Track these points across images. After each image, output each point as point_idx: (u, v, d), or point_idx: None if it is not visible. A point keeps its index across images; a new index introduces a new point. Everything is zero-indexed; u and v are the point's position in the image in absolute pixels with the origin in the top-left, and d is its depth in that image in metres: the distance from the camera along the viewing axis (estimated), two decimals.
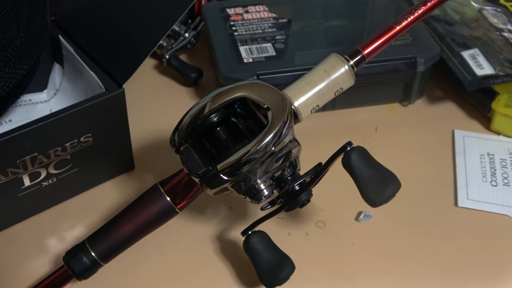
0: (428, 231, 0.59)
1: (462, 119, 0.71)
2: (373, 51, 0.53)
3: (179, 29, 0.77)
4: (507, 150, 0.67)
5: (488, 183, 0.63)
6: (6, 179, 0.54)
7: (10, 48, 0.52)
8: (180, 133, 0.49)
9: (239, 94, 0.49)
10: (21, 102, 0.66)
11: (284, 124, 0.47)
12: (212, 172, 0.47)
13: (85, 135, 0.56)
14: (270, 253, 0.51)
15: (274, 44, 0.69)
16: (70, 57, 0.62)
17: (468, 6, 0.75)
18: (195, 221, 0.59)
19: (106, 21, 0.61)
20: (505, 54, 0.69)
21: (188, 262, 0.56)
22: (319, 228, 0.59)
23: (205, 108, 0.49)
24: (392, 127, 0.70)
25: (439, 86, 0.75)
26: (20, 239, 0.57)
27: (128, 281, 0.54)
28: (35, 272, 0.55)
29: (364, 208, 0.59)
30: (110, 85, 0.57)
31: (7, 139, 0.51)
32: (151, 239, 0.53)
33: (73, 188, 0.60)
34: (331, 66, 0.51)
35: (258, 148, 0.46)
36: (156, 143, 0.67)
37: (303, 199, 0.50)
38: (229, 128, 0.50)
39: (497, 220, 0.60)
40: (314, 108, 0.52)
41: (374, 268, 0.56)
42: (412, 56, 0.68)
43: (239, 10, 0.74)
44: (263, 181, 0.49)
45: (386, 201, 0.47)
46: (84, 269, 0.50)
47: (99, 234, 0.51)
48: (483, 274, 0.55)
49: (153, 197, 0.51)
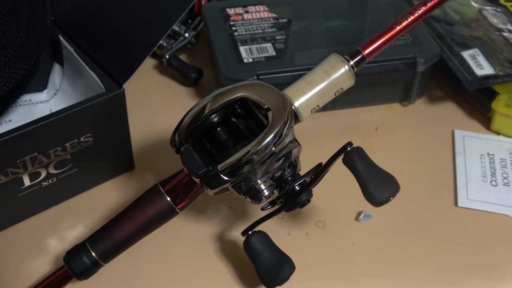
0: (428, 231, 0.59)
1: (462, 119, 0.71)
2: (373, 51, 0.53)
3: (179, 29, 0.77)
4: (507, 150, 0.67)
5: (488, 183, 0.63)
6: (6, 179, 0.54)
7: (10, 48, 0.52)
8: (181, 133, 0.49)
9: (240, 95, 0.49)
10: (21, 102, 0.66)
11: (284, 125, 0.47)
12: (213, 172, 0.47)
13: (85, 135, 0.56)
14: (270, 253, 0.51)
15: (274, 44, 0.69)
16: (70, 57, 0.62)
17: (468, 6, 0.75)
18: (195, 221, 0.59)
19: (106, 21, 0.61)
20: (505, 54, 0.69)
21: (188, 262, 0.56)
22: (319, 228, 0.59)
23: (205, 108, 0.49)
24: (392, 127, 0.70)
25: (439, 86, 0.75)
26: (20, 239, 0.57)
27: (128, 281, 0.54)
28: (35, 272, 0.55)
29: (364, 208, 0.60)
30: (110, 85, 0.57)
31: (7, 139, 0.51)
32: (151, 239, 0.53)
33: (73, 188, 0.60)
34: (331, 66, 0.51)
35: (258, 149, 0.46)
36: (156, 143, 0.67)
37: (304, 199, 0.50)
38: (229, 129, 0.50)
39: (497, 220, 0.60)
40: (314, 108, 0.52)
41: (374, 268, 0.56)
42: (412, 56, 0.68)
43: (239, 10, 0.74)
44: (264, 182, 0.49)
45: (387, 201, 0.48)
46: (85, 269, 0.50)
47: (99, 234, 0.51)
48: (483, 274, 0.55)
49: (153, 197, 0.51)
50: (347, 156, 0.49)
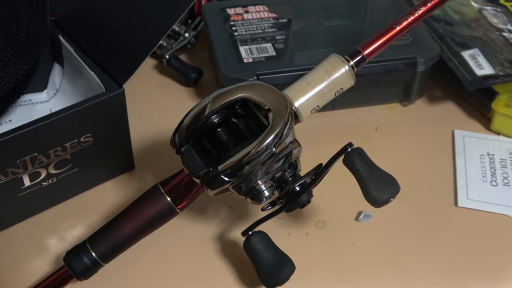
0: (428, 231, 0.59)
1: (462, 119, 0.71)
2: (374, 52, 0.53)
3: (179, 29, 0.77)
4: (507, 150, 0.67)
5: (488, 183, 0.63)
6: (6, 179, 0.54)
7: (10, 48, 0.52)
8: (181, 134, 0.49)
9: (240, 95, 0.49)
10: (21, 102, 0.66)
11: (285, 125, 0.47)
12: (213, 173, 0.47)
13: (85, 135, 0.56)
14: (270, 253, 0.51)
15: (274, 44, 0.69)
16: (70, 57, 0.62)
17: (468, 6, 0.75)
18: (196, 222, 0.59)
19: (106, 21, 0.61)
20: (505, 54, 0.69)
21: (189, 262, 0.56)
22: (319, 228, 0.59)
23: (205, 109, 0.49)
24: (392, 127, 0.70)
25: (439, 86, 0.75)
26: (20, 239, 0.57)
27: (128, 281, 0.54)
28: (35, 272, 0.55)
29: (364, 208, 0.60)
30: (110, 85, 0.57)
31: (7, 139, 0.51)
32: (151, 239, 0.53)
33: (73, 188, 0.60)
34: (332, 66, 0.52)
35: (259, 149, 0.46)
36: (156, 143, 0.66)
37: (304, 199, 0.50)
38: (230, 129, 0.50)
39: (497, 220, 0.60)
40: (315, 109, 0.52)
41: (374, 268, 0.56)
42: (412, 56, 0.68)
43: (239, 10, 0.74)
44: (264, 182, 0.49)
45: (387, 201, 0.48)
46: (85, 269, 0.50)
47: (99, 234, 0.51)
48: (483, 274, 0.55)
49: (153, 197, 0.51)
50: (348, 156, 0.49)
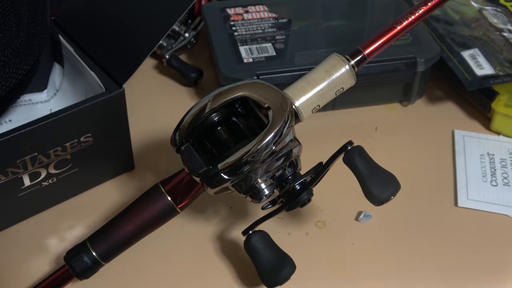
0: (428, 231, 0.59)
1: (462, 119, 0.71)
2: (374, 51, 0.53)
3: (179, 29, 0.77)
4: (507, 150, 0.67)
5: (488, 183, 0.63)
6: (6, 179, 0.54)
7: (10, 48, 0.52)
8: (181, 133, 0.49)
9: (240, 94, 0.49)
10: (21, 102, 0.66)
11: (284, 124, 0.47)
12: (213, 171, 0.47)
13: (85, 135, 0.56)
14: (271, 252, 0.51)
15: (274, 44, 0.69)
16: (70, 57, 0.62)
17: (468, 6, 0.75)
18: (196, 221, 0.59)
19: (106, 21, 0.61)
20: (505, 54, 0.69)
21: (189, 261, 0.56)
22: (319, 228, 0.59)
23: (205, 107, 0.49)
24: (392, 127, 0.70)
25: (439, 86, 0.75)
26: (20, 239, 0.57)
27: (128, 280, 0.54)
28: (36, 272, 0.55)
29: (364, 208, 0.60)
30: (110, 85, 0.57)
31: (7, 139, 0.51)
32: (152, 239, 0.53)
33: (73, 188, 0.60)
34: (332, 66, 0.52)
35: (258, 148, 0.46)
36: (156, 143, 0.66)
37: (304, 198, 0.50)
38: (229, 128, 0.50)
39: (497, 220, 0.60)
40: (315, 108, 0.52)
41: (374, 268, 0.56)
42: (412, 56, 0.68)
43: (239, 10, 0.74)
44: (264, 181, 0.49)
45: (388, 200, 0.48)
46: (85, 269, 0.50)
47: (100, 233, 0.51)
48: (483, 274, 0.55)
49: (154, 197, 0.51)
50: (348, 155, 0.49)
